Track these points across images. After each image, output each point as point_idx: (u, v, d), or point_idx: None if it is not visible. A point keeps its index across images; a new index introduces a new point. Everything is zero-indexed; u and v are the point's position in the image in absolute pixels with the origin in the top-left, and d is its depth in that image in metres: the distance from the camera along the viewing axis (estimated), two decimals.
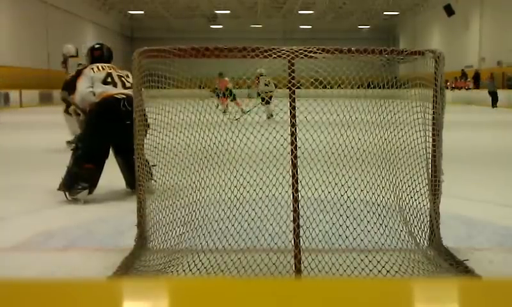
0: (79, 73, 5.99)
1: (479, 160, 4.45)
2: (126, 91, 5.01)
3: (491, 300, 0.69)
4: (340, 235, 3.26)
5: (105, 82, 5.07)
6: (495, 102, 23.27)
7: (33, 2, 27.63)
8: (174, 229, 3.15)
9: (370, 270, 2.83)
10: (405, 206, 3.24)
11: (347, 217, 3.23)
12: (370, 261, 2.87)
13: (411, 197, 3.22)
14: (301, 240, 2.77)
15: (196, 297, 0.68)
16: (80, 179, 4.64)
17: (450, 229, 3.41)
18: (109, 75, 5.16)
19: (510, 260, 3.19)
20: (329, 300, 0.67)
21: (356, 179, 3.26)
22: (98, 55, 5.62)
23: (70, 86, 6.94)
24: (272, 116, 12.43)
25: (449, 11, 26.48)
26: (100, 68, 5.19)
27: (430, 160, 3.18)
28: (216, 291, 0.69)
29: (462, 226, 3.75)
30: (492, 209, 4.31)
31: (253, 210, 3.14)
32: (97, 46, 5.72)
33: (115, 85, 5.10)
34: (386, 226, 3.19)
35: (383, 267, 2.86)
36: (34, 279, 0.72)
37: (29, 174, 6.18)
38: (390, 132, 3.21)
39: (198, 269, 2.83)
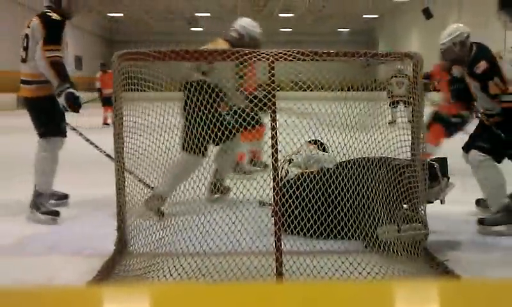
0: None
1: (457, 160, 4.50)
2: None
3: (471, 300, 0.70)
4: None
5: None
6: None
7: (9, 4, 27.23)
8: (154, 233, 3.12)
9: (351, 273, 2.84)
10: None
11: None
12: (350, 264, 2.88)
13: None
14: (282, 242, 2.76)
15: (177, 302, 0.67)
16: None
17: (430, 229, 3.44)
18: None
19: (489, 260, 3.23)
20: (310, 303, 0.67)
21: None
22: None
23: None
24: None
25: (427, 14, 26.73)
26: None
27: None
28: (197, 297, 0.68)
29: (442, 227, 3.78)
30: (471, 209, 4.36)
31: (234, 213, 3.13)
32: None
33: None
34: None
35: (364, 268, 2.88)
36: (12, 286, 0.71)
37: (7, 180, 6.08)
38: (371, 135, 3.24)
39: (179, 274, 2.81)
